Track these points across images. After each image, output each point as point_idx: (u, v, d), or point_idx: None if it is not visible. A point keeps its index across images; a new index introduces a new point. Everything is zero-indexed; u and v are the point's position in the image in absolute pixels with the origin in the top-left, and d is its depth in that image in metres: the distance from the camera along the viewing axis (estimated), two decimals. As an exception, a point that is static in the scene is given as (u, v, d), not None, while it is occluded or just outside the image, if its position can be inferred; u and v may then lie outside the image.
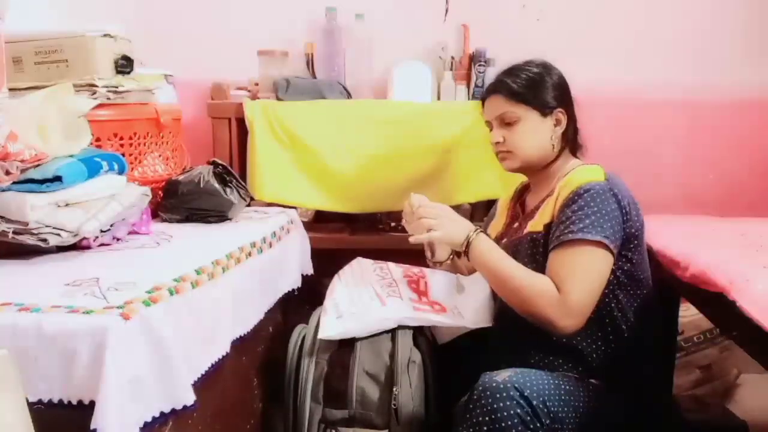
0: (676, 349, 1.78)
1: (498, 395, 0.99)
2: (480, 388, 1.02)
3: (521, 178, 1.43)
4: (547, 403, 1.02)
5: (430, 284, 1.38)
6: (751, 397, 1.84)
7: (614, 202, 1.14)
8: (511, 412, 0.98)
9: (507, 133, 1.27)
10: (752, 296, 0.98)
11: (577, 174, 1.20)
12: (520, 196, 1.43)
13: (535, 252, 1.20)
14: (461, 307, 1.32)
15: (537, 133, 1.26)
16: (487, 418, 0.99)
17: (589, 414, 1.07)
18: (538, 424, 1.00)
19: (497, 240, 1.35)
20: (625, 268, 1.19)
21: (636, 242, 1.19)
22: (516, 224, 1.34)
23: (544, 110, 1.26)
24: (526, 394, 1.00)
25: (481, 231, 1.21)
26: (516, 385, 1.00)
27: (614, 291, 1.18)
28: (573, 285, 1.09)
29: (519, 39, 1.95)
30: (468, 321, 1.29)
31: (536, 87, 1.26)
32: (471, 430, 1.00)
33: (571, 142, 1.31)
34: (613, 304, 1.18)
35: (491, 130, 1.32)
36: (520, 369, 1.08)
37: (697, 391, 1.87)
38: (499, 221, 1.44)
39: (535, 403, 1.00)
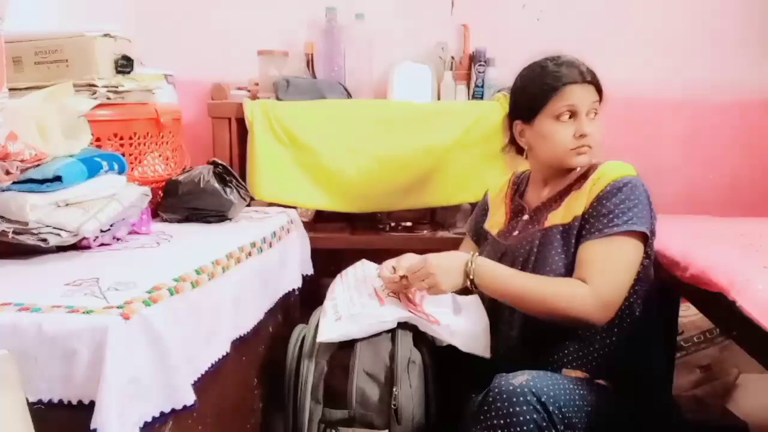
0: (676, 349, 1.78)
1: (515, 399, 0.97)
2: (496, 390, 1.00)
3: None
4: (563, 409, 1.00)
5: (425, 297, 1.34)
6: (751, 397, 1.84)
7: (648, 196, 1.17)
8: (527, 417, 0.97)
9: (591, 126, 1.22)
10: (752, 296, 0.98)
11: (609, 168, 1.20)
12: (516, 189, 1.42)
13: (567, 244, 1.19)
14: (455, 327, 1.27)
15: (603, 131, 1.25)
16: (502, 422, 0.97)
17: (599, 419, 1.06)
18: (553, 431, 0.99)
19: (501, 235, 1.34)
20: (645, 263, 1.20)
21: (654, 238, 1.21)
22: (524, 217, 1.32)
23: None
24: (543, 399, 0.98)
25: (472, 258, 1.18)
26: (533, 390, 0.98)
27: (634, 285, 1.18)
28: (605, 277, 1.10)
29: (519, 39, 1.95)
30: (460, 343, 1.25)
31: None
32: None
33: None
34: (631, 299, 1.18)
35: (564, 118, 1.22)
36: (536, 372, 1.06)
37: (697, 391, 1.87)
38: (497, 217, 1.42)
39: (551, 409, 0.98)
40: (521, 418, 0.96)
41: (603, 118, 1.25)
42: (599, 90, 1.24)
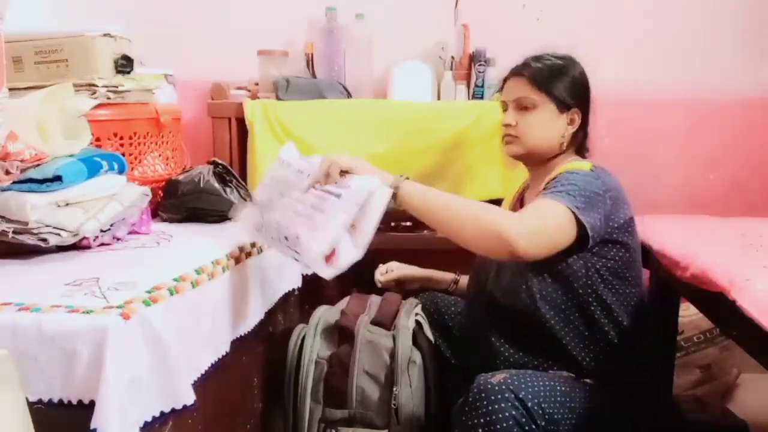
0: (676, 349, 1.78)
1: (493, 397, 0.99)
2: (475, 390, 1.02)
3: (522, 178, 1.43)
4: (543, 405, 1.02)
5: None
6: (751, 397, 1.84)
7: (596, 187, 1.13)
8: (507, 414, 0.98)
9: (520, 118, 1.26)
10: (752, 296, 0.98)
11: (564, 166, 1.23)
12: (521, 194, 1.43)
13: None
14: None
15: (549, 126, 1.25)
16: (482, 420, 0.99)
17: (584, 414, 1.07)
18: (534, 426, 1.00)
19: None
20: (609, 265, 1.18)
21: (621, 239, 1.19)
22: None
23: (562, 106, 1.25)
24: (521, 396, 1.00)
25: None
26: (511, 387, 1.00)
27: (595, 286, 1.17)
28: (533, 215, 1.09)
29: (519, 39, 1.94)
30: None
31: (560, 80, 1.25)
32: None
33: (579, 145, 1.31)
34: (595, 302, 1.18)
35: (504, 111, 1.30)
36: (516, 371, 1.08)
37: (697, 391, 1.87)
38: None
39: (530, 404, 1.00)
40: (500, 415, 0.98)
41: (545, 113, 1.25)
42: (538, 83, 1.24)
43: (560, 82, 1.25)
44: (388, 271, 1.55)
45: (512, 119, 1.26)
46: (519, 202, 1.40)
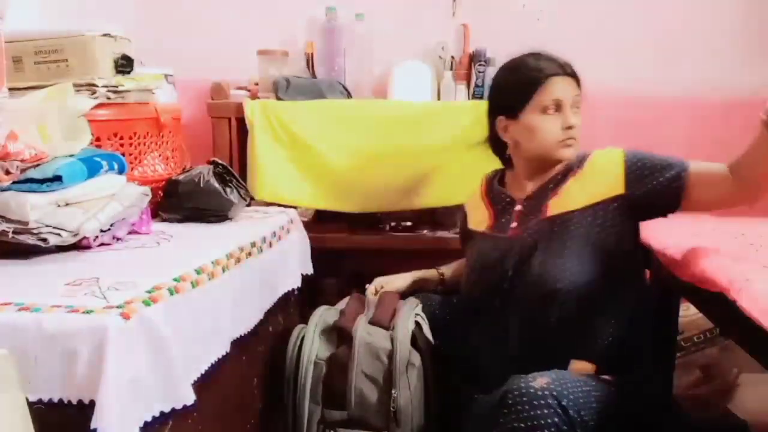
0: (676, 349, 1.78)
1: (536, 402, 0.97)
2: (516, 392, 0.99)
3: None
4: (581, 412, 1.00)
5: None
6: (751, 397, 1.84)
7: None
8: (549, 420, 0.96)
9: (576, 120, 1.24)
10: (752, 296, 0.98)
11: (603, 152, 1.25)
12: (490, 185, 1.41)
13: (602, 222, 1.19)
14: None
15: None
16: (523, 425, 0.96)
17: (609, 418, 1.05)
18: None
19: (495, 228, 1.32)
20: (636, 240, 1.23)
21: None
22: (517, 207, 1.30)
23: None
24: (563, 403, 0.98)
25: None
26: (554, 393, 0.98)
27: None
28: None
29: (519, 39, 1.94)
30: None
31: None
32: None
33: None
34: (632, 289, 1.20)
35: (549, 112, 1.23)
36: (554, 374, 1.06)
37: (697, 391, 1.87)
38: (477, 215, 1.41)
39: (571, 413, 0.98)
40: (542, 422, 0.96)
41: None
42: (579, 84, 1.25)
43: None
44: (377, 291, 1.48)
45: (575, 120, 1.23)
46: (501, 196, 1.36)
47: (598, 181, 1.21)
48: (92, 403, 0.77)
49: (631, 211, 1.19)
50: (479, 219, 1.39)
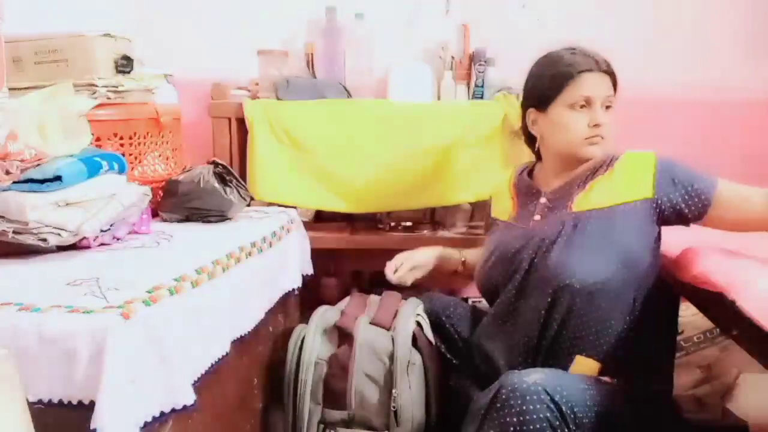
0: (676, 349, 1.78)
1: (528, 397, 0.97)
2: (509, 387, 0.99)
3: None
4: (575, 409, 1.00)
5: None
6: (751, 397, 1.84)
7: None
8: (541, 415, 0.96)
9: (605, 118, 1.22)
10: (752, 296, 0.98)
11: (634, 155, 1.23)
12: (520, 175, 1.40)
13: (625, 223, 1.18)
14: None
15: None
16: (515, 419, 0.96)
17: (606, 419, 1.05)
18: (566, 430, 0.98)
19: (517, 219, 1.32)
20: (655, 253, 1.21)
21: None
22: (542, 200, 1.29)
23: None
24: (556, 398, 0.98)
25: None
26: (547, 389, 0.98)
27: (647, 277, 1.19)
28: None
29: (519, 39, 1.95)
30: None
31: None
32: (497, 430, 0.97)
33: None
34: (641, 290, 1.19)
35: (578, 107, 1.21)
36: (548, 370, 1.06)
37: (697, 391, 1.87)
38: (503, 203, 1.40)
39: (564, 408, 0.98)
40: (535, 416, 0.96)
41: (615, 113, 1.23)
42: (614, 83, 1.24)
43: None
44: (397, 268, 1.45)
45: (604, 118, 1.21)
46: (527, 188, 1.35)
47: (627, 182, 1.19)
48: (92, 404, 0.77)
49: (656, 216, 1.18)
50: (503, 208, 1.39)
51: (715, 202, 1.16)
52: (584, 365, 1.15)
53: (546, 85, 1.25)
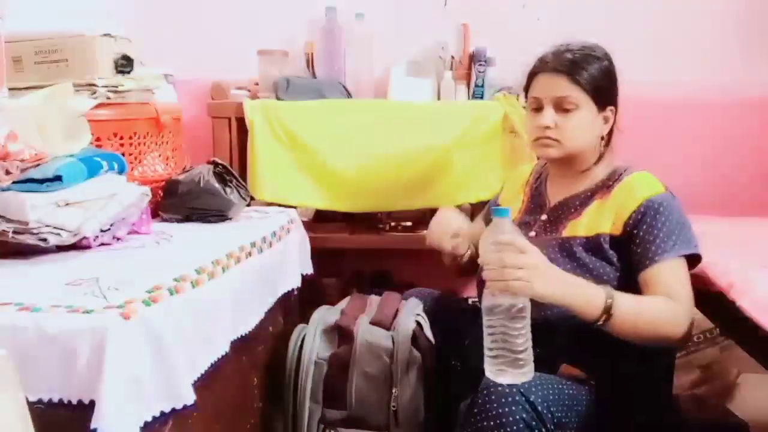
0: (676, 349, 1.78)
1: (503, 400, 0.97)
2: (485, 392, 1.00)
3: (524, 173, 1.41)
4: (551, 409, 1.00)
5: None
6: (751, 397, 1.84)
7: (682, 209, 1.14)
8: (517, 417, 0.96)
9: (561, 119, 1.17)
10: (752, 296, 0.98)
11: (637, 183, 1.16)
12: (538, 178, 1.37)
13: (589, 257, 1.15)
14: None
15: (590, 127, 1.18)
16: (492, 423, 0.97)
17: (589, 419, 1.06)
18: (543, 430, 0.99)
19: (518, 223, 1.29)
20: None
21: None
22: (542, 216, 1.27)
23: (600, 105, 1.18)
24: (531, 399, 0.98)
25: (611, 292, 1.04)
26: (522, 390, 0.98)
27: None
28: (683, 295, 1.07)
29: (519, 39, 1.95)
30: None
31: (600, 76, 1.17)
32: None
33: (606, 144, 1.25)
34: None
35: (535, 109, 1.20)
36: None
37: (697, 391, 1.87)
38: (513, 198, 1.38)
39: (540, 408, 0.98)
40: (511, 418, 0.96)
41: (586, 113, 1.17)
42: (580, 82, 1.16)
43: (601, 79, 1.17)
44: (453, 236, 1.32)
45: (551, 120, 1.17)
46: (537, 192, 1.34)
47: (610, 212, 1.16)
48: (92, 403, 0.77)
49: (618, 249, 1.15)
50: (510, 203, 1.37)
51: (644, 274, 1.09)
52: (569, 373, 1.14)
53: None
